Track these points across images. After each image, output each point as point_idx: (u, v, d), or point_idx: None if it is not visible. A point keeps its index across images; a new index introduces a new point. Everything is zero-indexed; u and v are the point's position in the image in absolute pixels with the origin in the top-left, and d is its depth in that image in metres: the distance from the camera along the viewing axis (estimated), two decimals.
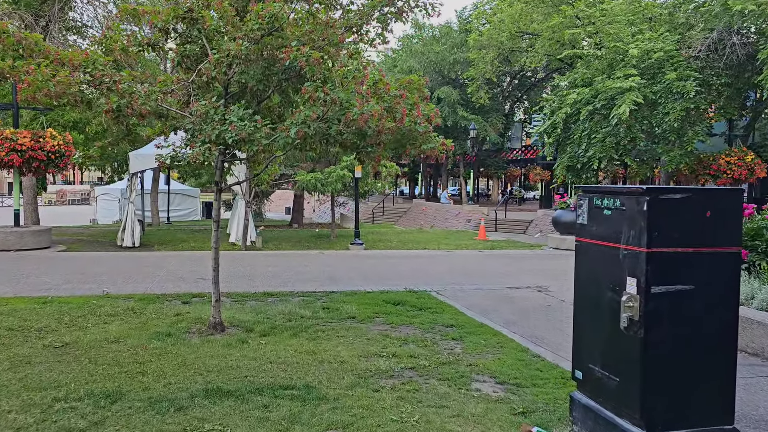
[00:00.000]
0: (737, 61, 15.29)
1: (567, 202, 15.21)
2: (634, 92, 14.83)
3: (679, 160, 15.10)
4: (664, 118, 14.96)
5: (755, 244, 6.54)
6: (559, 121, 16.83)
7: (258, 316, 6.92)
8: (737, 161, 15.40)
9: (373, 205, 35.34)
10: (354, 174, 16.12)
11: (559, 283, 9.98)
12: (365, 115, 4.88)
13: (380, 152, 5.62)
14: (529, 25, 28.90)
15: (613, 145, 15.73)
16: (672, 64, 15.42)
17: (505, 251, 14.89)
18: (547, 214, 28.14)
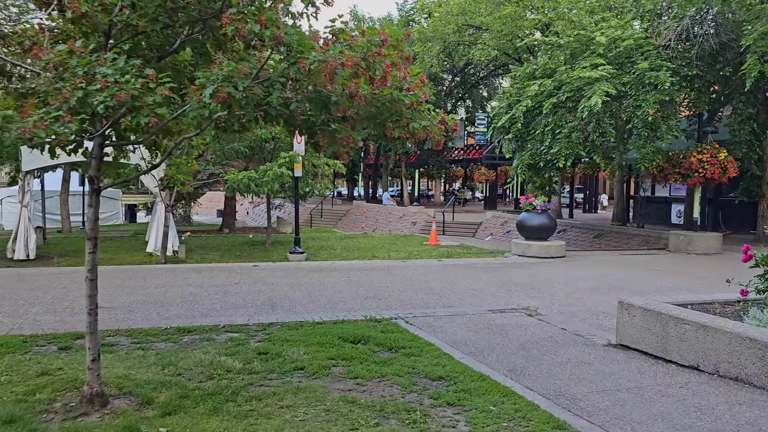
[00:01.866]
0: (710, 51, 14.19)
1: (533, 203, 13.68)
2: (606, 83, 13.46)
3: (651, 158, 13.85)
4: (636, 111, 13.67)
5: None
6: (519, 115, 15.32)
7: (164, 372, 4.81)
8: (710, 159, 14.33)
9: (311, 206, 33.17)
10: (294, 173, 14.03)
11: (545, 302, 8.30)
12: (331, 64, 2.94)
13: (350, 132, 3.68)
14: (476, 17, 27.55)
15: (580, 141, 14.33)
16: (642, 53, 14.17)
17: (466, 260, 13.19)
18: (496, 216, 26.86)
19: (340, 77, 3.26)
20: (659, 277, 10.74)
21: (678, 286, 9.81)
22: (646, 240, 17.22)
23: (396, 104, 3.63)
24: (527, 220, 13.83)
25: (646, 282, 10.20)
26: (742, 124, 15.63)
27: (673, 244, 15.31)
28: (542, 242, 13.62)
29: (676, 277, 10.76)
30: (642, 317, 5.69)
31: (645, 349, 5.64)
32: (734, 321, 5.05)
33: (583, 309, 7.89)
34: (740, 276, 9.89)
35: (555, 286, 9.70)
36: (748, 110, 15.49)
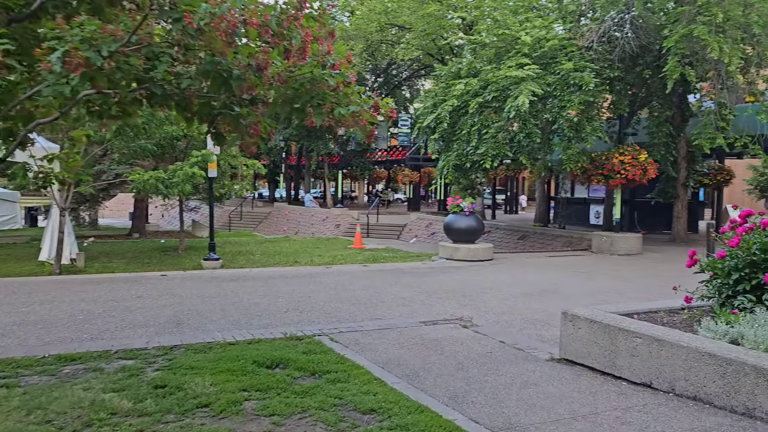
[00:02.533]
0: (630, 54, 14.31)
1: (461, 205, 13.27)
2: (532, 82, 13.26)
3: (576, 159, 13.79)
4: (561, 112, 13.56)
5: None
6: (445, 114, 14.93)
7: (29, 419, 3.86)
8: (631, 161, 14.46)
9: (229, 209, 31.71)
10: (207, 173, 12.97)
11: (479, 310, 7.80)
12: (228, 21, 2.18)
13: (258, 118, 2.92)
14: (399, 16, 27.18)
15: (506, 142, 14.08)
16: (566, 54, 14.10)
17: (394, 265, 12.60)
18: (421, 217, 26.55)
19: (243, 48, 2.51)
20: (588, 281, 10.54)
21: (607, 289, 9.60)
22: (569, 241, 17.28)
23: (318, 85, 2.91)
24: (455, 222, 13.42)
25: (576, 286, 9.95)
26: (659, 127, 15.94)
27: (596, 245, 15.38)
28: (470, 245, 13.24)
29: (605, 280, 10.59)
30: (588, 330, 5.24)
31: (592, 364, 5.19)
32: (689, 334, 4.66)
33: (519, 317, 7.44)
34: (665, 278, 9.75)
35: (487, 292, 9.25)
36: (665, 113, 15.80)
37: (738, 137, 13.37)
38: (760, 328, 4.37)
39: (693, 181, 17.84)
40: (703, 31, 11.41)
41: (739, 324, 4.58)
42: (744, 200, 36.35)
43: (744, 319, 4.61)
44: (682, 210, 17.53)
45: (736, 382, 4.06)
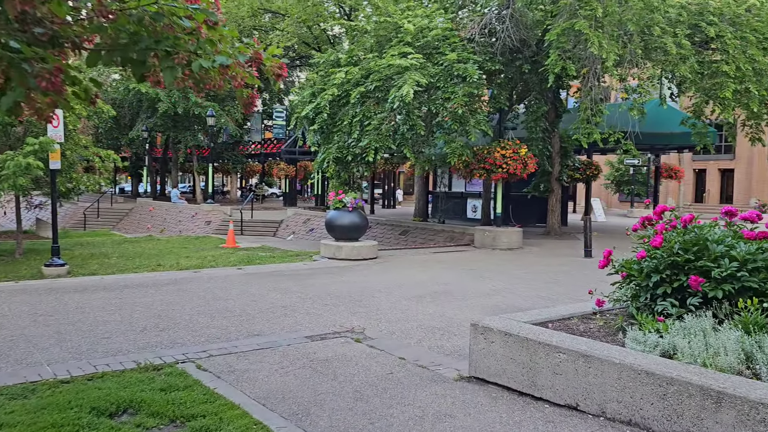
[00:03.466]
0: (510, 47, 14.22)
1: (344, 200, 12.43)
2: (416, 72, 12.70)
3: (461, 152, 13.45)
4: (445, 104, 13.13)
5: (708, 267, 4.34)
6: (325, 104, 14.00)
7: None
8: (512, 155, 14.41)
9: (85, 205, 28.62)
10: (49, 164, 11.07)
11: (371, 318, 7.00)
12: None
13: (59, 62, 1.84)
14: (274, 1, 25.83)
15: (390, 134, 13.44)
16: (449, 45, 13.71)
17: (272, 267, 11.51)
18: (298, 213, 25.46)
19: None
20: (479, 279, 10.13)
21: (500, 288, 9.21)
22: (452, 236, 17.07)
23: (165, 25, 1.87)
24: (337, 219, 12.56)
25: (467, 286, 9.47)
26: (536, 122, 16.11)
27: (479, 240, 15.23)
28: (354, 243, 12.45)
29: (495, 278, 10.24)
30: (503, 344, 4.58)
31: (507, 384, 4.54)
32: (617, 347, 4.13)
33: (415, 325, 6.72)
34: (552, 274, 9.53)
35: (376, 295, 8.48)
36: (542, 108, 15.98)
37: (612, 133, 13.74)
38: (695, 339, 3.91)
39: (566, 176, 18.32)
40: (584, 25, 11.45)
41: (669, 334, 4.11)
42: (602, 194, 38.94)
43: (673, 327, 4.15)
44: (556, 204, 17.95)
45: (678, 405, 3.54)
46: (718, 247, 4.47)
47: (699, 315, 4.22)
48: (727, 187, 39.02)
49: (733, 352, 3.73)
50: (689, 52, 12.76)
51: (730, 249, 4.47)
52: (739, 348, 3.76)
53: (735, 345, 3.78)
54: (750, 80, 13.25)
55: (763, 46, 13.68)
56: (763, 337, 3.78)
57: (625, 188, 35.98)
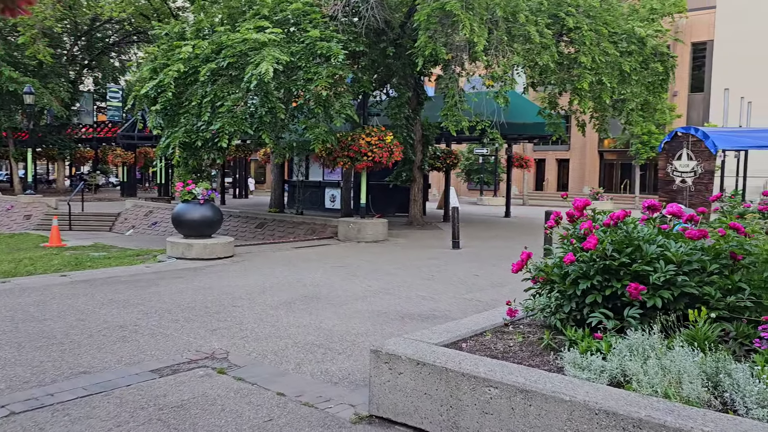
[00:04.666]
0: (375, 28, 13.41)
1: (194, 191, 10.86)
2: (275, 48, 11.42)
3: (325, 138, 12.40)
4: (308, 85, 12.00)
5: (645, 271, 3.73)
6: (169, 81, 12.21)
7: None
8: (378, 142, 13.65)
9: None
10: None
11: (235, 336, 5.78)
12: None
13: None
14: None
15: (246, 117, 12.04)
16: (311, 21, 12.57)
17: (106, 270, 9.69)
18: (138, 204, 22.87)
19: None
20: (351, 278, 9.20)
21: (377, 289, 8.36)
22: (313, 228, 16.02)
23: None
24: (186, 213, 10.96)
25: (341, 286, 8.51)
26: (400, 108, 15.51)
27: (343, 233, 14.36)
28: (206, 240, 10.95)
29: (369, 276, 9.38)
30: (414, 375, 3.67)
31: (421, 425, 3.64)
32: (558, 377, 3.36)
33: (290, 343, 5.62)
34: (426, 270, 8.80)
35: (238, 304, 7.22)
36: (406, 94, 15.41)
37: (479, 121, 13.48)
38: (649, 362, 3.26)
39: (427, 164, 18.03)
40: (456, 6, 10.91)
41: (614, 355, 3.44)
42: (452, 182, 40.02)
43: (618, 346, 3.48)
44: (418, 193, 17.60)
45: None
46: (652, 248, 3.90)
47: (642, 329, 3.60)
48: (563, 176, 41.97)
49: (696, 377, 3.11)
50: (551, 41, 12.80)
51: (665, 249, 3.92)
52: (701, 372, 3.16)
53: (695, 368, 3.17)
54: (603, 72, 13.64)
55: (612, 39, 14.17)
56: (725, 359, 3.21)
57: (474, 177, 37.22)
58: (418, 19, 11.63)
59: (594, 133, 21.78)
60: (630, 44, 14.34)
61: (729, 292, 3.87)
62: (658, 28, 15.00)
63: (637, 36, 14.34)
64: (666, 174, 10.96)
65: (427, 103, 17.64)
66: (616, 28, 14.32)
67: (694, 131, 10.16)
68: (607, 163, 40.39)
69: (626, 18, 14.77)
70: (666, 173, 10.95)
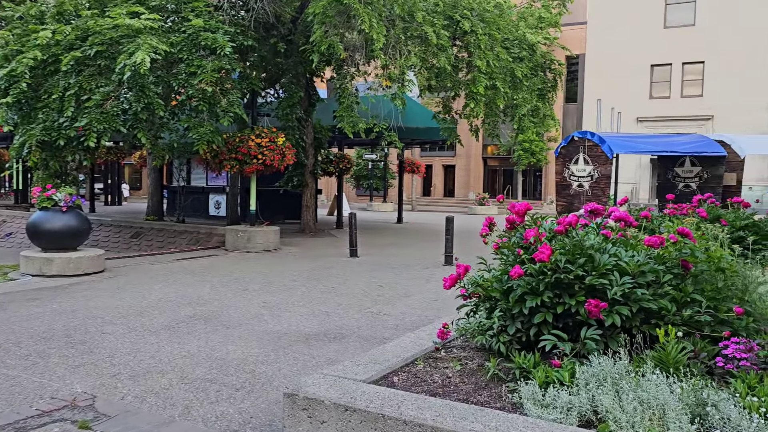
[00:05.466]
0: (265, 21, 12.47)
1: (55, 197, 9.37)
2: (153, 37, 10.19)
3: (211, 139, 11.27)
4: (190, 79, 10.85)
5: (601, 284, 3.26)
6: (24, 71, 10.56)
7: None
8: (269, 144, 12.69)
9: None
10: None
11: (104, 374, 4.74)
12: None
13: None
14: None
15: (118, 113, 10.66)
16: (193, 10, 11.43)
17: None
18: None
19: None
20: (244, 293, 8.26)
21: (275, 304, 7.50)
22: (197, 238, 14.71)
23: None
24: (45, 222, 9.42)
25: (232, 303, 7.55)
26: (292, 108, 14.64)
27: (231, 242, 13.25)
28: (71, 253, 9.48)
29: (264, 291, 8.47)
30: (341, 425, 2.93)
31: None
32: (522, 418, 2.76)
33: (176, 378, 4.66)
34: (325, 281, 8.18)
35: (109, 330, 6.08)
36: (298, 93, 14.57)
37: (376, 123, 12.93)
38: (623, 396, 2.74)
39: (320, 169, 17.28)
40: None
41: (578, 386, 2.91)
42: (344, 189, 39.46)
43: (581, 376, 2.96)
44: (310, 199, 16.78)
45: None
46: (605, 258, 3.45)
47: (603, 352, 3.10)
48: (450, 182, 42.81)
49: (681, 412, 2.64)
50: (447, 43, 12.54)
51: (618, 259, 3.48)
52: (684, 405, 2.70)
53: (676, 401, 2.70)
54: (497, 77, 13.61)
55: (505, 45, 14.22)
56: (703, 387, 2.78)
57: (364, 182, 36.90)
58: (313, 11, 10.86)
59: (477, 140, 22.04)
60: (521, 50, 14.48)
61: (683, 304, 3.50)
62: (547, 36, 15.30)
63: (528, 42, 14.51)
64: (563, 178, 10.99)
65: (319, 105, 16.90)
66: (509, 34, 14.40)
67: (590, 136, 10.23)
68: (491, 169, 41.69)
69: (516, 24, 14.91)
70: (563, 178, 10.98)
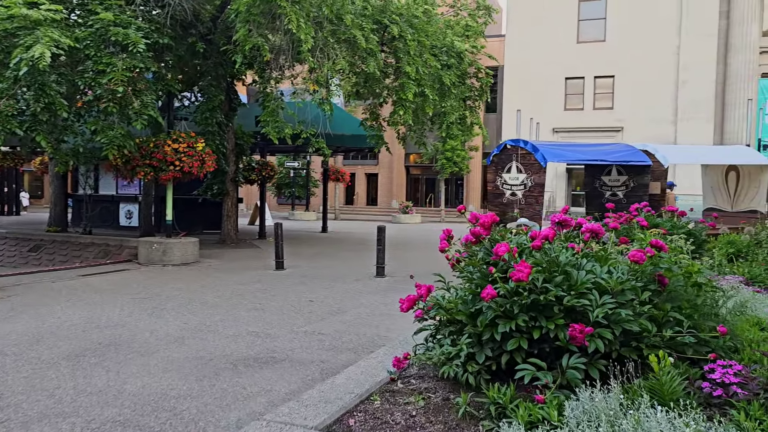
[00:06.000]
0: (182, 19, 11.64)
1: None
2: (54, 29, 9.18)
3: (122, 143, 10.30)
4: (98, 78, 9.89)
5: (582, 305, 2.90)
6: None
7: None
8: (187, 150, 11.81)
9: None
10: None
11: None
12: None
13: None
14: None
15: (14, 114, 9.54)
16: (101, 2, 10.47)
17: None
18: None
19: None
20: (161, 314, 7.46)
21: (196, 326, 6.79)
22: (106, 250, 13.56)
23: None
24: None
25: (148, 327, 6.77)
26: (212, 112, 13.80)
27: (145, 255, 12.23)
28: None
29: (184, 310, 7.71)
30: None
31: None
32: None
33: (80, 425, 3.94)
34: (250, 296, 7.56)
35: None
36: (219, 96, 13.75)
37: (303, 129, 12.33)
38: None
39: (242, 176, 16.46)
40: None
41: (569, 428, 2.52)
42: None
43: (572, 413, 2.57)
44: (232, 208, 15.93)
45: None
46: (583, 275, 3.10)
47: (590, 383, 2.74)
48: (372, 190, 42.57)
49: None
50: (376, 48, 12.18)
51: (595, 276, 3.15)
52: None
53: None
54: (426, 84, 13.39)
55: (434, 52, 14.03)
56: (715, 423, 2.46)
57: (285, 191, 35.99)
58: (236, 8, 10.17)
59: (401, 148, 21.84)
60: (450, 58, 14.34)
61: (662, 323, 3.21)
62: (474, 44, 15.28)
63: (456, 50, 14.39)
64: (495, 187, 10.84)
65: (241, 110, 16.12)
66: (437, 41, 14.23)
67: (524, 144, 10.12)
68: (414, 178, 41.82)
69: (444, 31, 14.78)
70: (495, 186, 10.83)
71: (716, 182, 12.44)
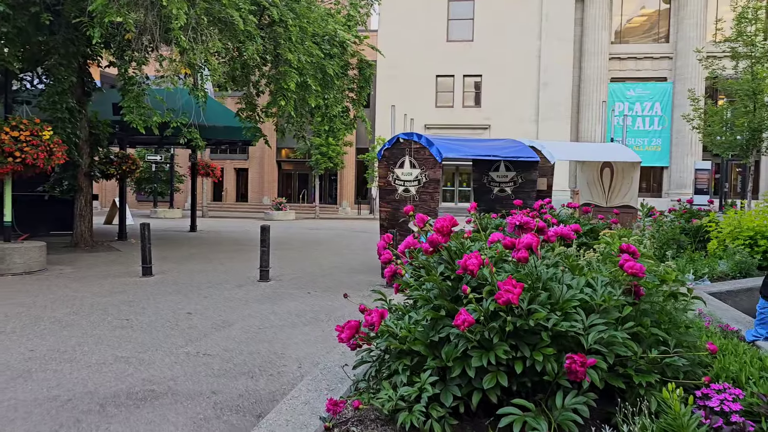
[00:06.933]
0: None
1: None
2: None
3: None
4: None
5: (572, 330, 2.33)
6: None
7: None
8: (31, 138, 10.03)
9: None
10: None
11: None
12: None
13: None
14: None
15: None
16: None
17: None
18: None
19: None
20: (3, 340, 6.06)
21: (45, 354, 5.53)
22: None
23: None
24: None
25: None
26: (62, 96, 11.97)
27: None
28: None
29: (29, 332, 6.32)
30: None
31: None
32: None
33: None
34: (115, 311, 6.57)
35: None
36: (70, 78, 11.94)
37: (172, 117, 10.97)
38: None
39: (98, 171, 14.60)
40: None
41: None
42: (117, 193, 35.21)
43: None
44: (86, 206, 14.04)
45: None
46: (566, 291, 2.55)
47: None
48: (242, 186, 40.74)
49: None
50: (255, 31, 11.15)
51: (577, 291, 2.61)
52: None
53: None
54: (308, 73, 12.57)
55: (316, 40, 13.23)
56: None
57: (146, 187, 33.26)
58: None
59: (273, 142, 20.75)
60: (332, 47, 13.61)
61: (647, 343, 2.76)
62: (356, 34, 14.67)
63: (339, 39, 13.69)
64: (387, 182, 10.31)
65: (98, 96, 14.29)
66: (319, 29, 13.43)
67: (417, 138, 9.67)
68: (286, 173, 40.58)
69: (325, 19, 14.02)
70: (387, 182, 10.30)
71: (592, 178, 12.86)
